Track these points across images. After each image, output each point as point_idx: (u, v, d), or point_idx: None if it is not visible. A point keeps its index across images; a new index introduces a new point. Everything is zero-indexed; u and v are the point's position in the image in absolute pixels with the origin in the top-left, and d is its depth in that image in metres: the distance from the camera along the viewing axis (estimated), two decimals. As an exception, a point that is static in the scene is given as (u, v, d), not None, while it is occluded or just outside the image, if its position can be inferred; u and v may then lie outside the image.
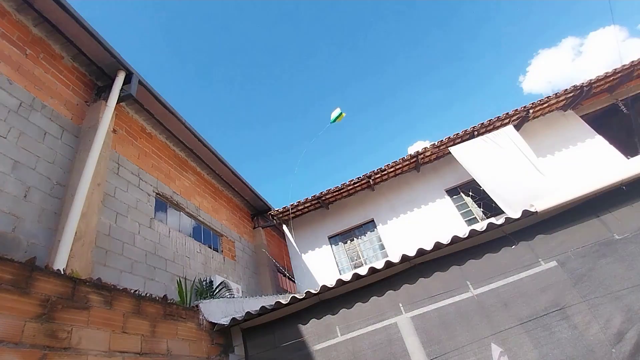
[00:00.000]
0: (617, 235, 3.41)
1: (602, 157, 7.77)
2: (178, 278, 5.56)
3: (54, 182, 4.23)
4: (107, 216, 4.83)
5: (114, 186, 5.22)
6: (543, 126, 8.67)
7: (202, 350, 3.65)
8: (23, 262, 2.21)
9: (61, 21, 4.73)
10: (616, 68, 7.64)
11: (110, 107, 5.12)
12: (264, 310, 3.93)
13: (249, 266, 9.03)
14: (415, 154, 8.62)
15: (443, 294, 3.60)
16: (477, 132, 8.27)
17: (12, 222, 3.53)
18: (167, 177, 6.80)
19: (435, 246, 3.76)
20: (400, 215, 8.97)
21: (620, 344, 2.92)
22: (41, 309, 2.19)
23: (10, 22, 4.41)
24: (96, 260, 4.29)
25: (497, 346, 3.15)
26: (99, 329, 2.55)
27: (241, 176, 9.13)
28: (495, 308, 3.38)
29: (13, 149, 3.86)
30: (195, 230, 7.33)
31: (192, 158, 7.99)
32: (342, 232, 9.47)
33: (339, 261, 9.11)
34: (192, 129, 7.14)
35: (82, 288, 2.57)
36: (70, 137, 4.75)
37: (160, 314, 3.30)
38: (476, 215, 8.31)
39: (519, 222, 3.70)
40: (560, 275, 3.36)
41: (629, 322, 2.99)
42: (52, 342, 2.16)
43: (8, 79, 4.10)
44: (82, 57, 5.26)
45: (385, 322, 3.63)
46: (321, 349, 3.68)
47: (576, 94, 8.09)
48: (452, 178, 8.85)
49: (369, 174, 8.80)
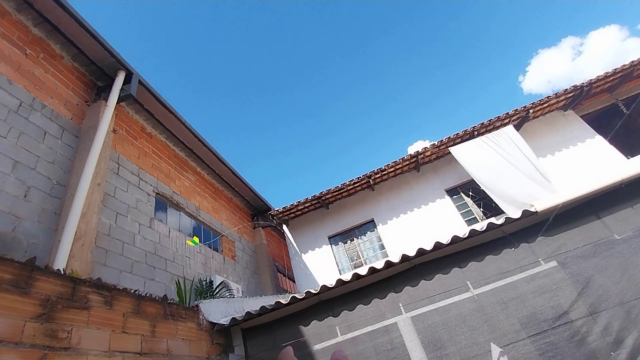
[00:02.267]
0: (618, 235, 3.41)
1: (602, 157, 7.77)
2: (178, 278, 5.56)
3: (54, 182, 4.23)
4: (107, 216, 4.83)
5: (114, 186, 5.21)
6: (543, 126, 8.66)
7: (202, 350, 3.65)
8: (23, 262, 2.21)
9: (61, 21, 4.73)
10: (616, 68, 7.64)
11: (110, 107, 5.12)
12: (264, 310, 3.93)
13: (249, 266, 9.03)
14: (415, 153, 8.61)
15: (443, 294, 3.60)
16: (477, 132, 8.27)
17: (12, 222, 3.53)
18: (167, 177, 6.79)
19: (435, 246, 3.76)
20: (400, 215, 8.96)
21: (620, 348, 2.91)
22: (41, 309, 2.19)
23: (10, 22, 4.41)
24: (96, 260, 4.29)
25: (497, 346, 3.15)
26: (99, 329, 2.55)
27: (241, 176, 9.13)
28: (495, 308, 3.38)
29: (13, 149, 3.86)
30: (195, 230, 7.32)
31: (192, 158, 7.98)
32: (342, 232, 9.46)
33: (339, 261, 9.11)
34: (192, 129, 7.14)
35: (82, 288, 2.57)
36: (70, 137, 4.75)
37: (160, 314, 3.29)
38: (476, 215, 8.30)
39: (519, 222, 3.69)
40: (560, 276, 3.36)
41: (629, 325, 2.98)
42: (52, 342, 2.16)
43: (8, 79, 4.10)
44: (82, 57, 5.26)
45: (386, 322, 3.63)
46: (321, 349, 3.68)
47: (576, 94, 8.09)
48: (452, 178, 8.85)
49: (369, 173, 8.79)
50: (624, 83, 8.26)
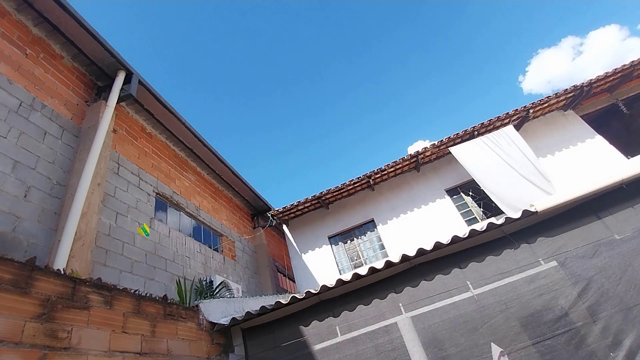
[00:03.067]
0: (618, 236, 3.40)
1: (602, 157, 7.77)
2: (178, 278, 5.56)
3: (54, 182, 4.23)
4: (107, 216, 4.83)
5: (114, 186, 5.21)
6: (543, 126, 8.66)
7: (202, 350, 3.65)
8: (23, 262, 2.21)
9: (61, 21, 4.73)
10: (616, 68, 7.64)
11: (110, 107, 5.12)
12: (264, 310, 3.92)
13: (249, 266, 9.03)
14: (415, 153, 8.61)
15: (443, 294, 3.59)
16: (477, 132, 8.27)
17: (12, 222, 3.53)
18: (167, 177, 6.79)
19: (435, 246, 3.75)
20: (400, 215, 8.96)
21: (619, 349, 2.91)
22: (41, 309, 2.19)
23: (10, 22, 4.41)
24: (96, 260, 4.29)
25: (497, 346, 3.15)
26: (99, 328, 2.55)
27: (241, 176, 9.13)
28: (496, 309, 3.37)
29: (13, 149, 3.86)
30: (195, 230, 7.33)
31: (192, 158, 7.98)
32: (342, 232, 9.46)
33: (339, 261, 9.11)
34: (192, 129, 7.14)
35: (82, 288, 2.57)
36: (70, 137, 4.75)
37: (160, 313, 3.29)
38: (476, 215, 8.31)
39: (519, 222, 3.69)
40: (560, 276, 3.35)
41: (628, 325, 2.98)
42: (52, 342, 2.16)
43: (8, 79, 4.10)
44: (82, 57, 5.26)
45: (386, 322, 3.63)
46: (321, 349, 3.68)
47: (576, 94, 8.09)
48: (452, 178, 8.85)
49: (369, 173, 8.79)
50: (624, 83, 8.26)
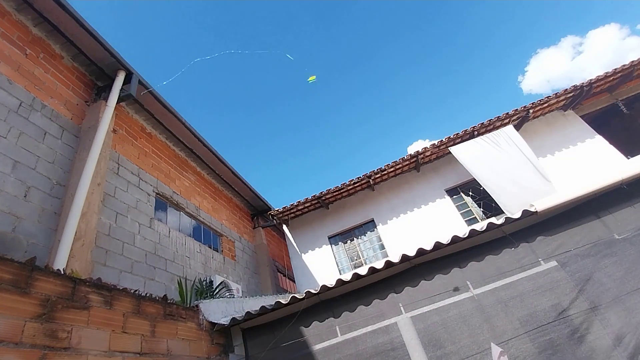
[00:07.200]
0: (618, 235, 3.40)
1: (602, 157, 7.77)
2: (178, 278, 5.56)
3: (54, 182, 4.23)
4: (107, 216, 4.83)
5: (114, 186, 5.21)
6: (543, 126, 8.66)
7: (202, 350, 3.65)
8: (23, 262, 2.21)
9: (61, 21, 4.73)
10: (616, 68, 7.63)
11: (110, 107, 5.12)
12: (264, 310, 3.92)
13: (249, 266, 9.03)
14: (415, 153, 8.61)
15: (443, 294, 3.59)
16: (477, 132, 8.27)
17: (12, 222, 3.53)
18: (167, 177, 6.79)
19: (435, 246, 3.75)
20: (400, 215, 8.96)
21: (619, 347, 2.91)
22: (41, 309, 2.19)
23: (10, 22, 4.41)
24: (96, 260, 4.29)
25: (497, 346, 3.14)
26: (99, 329, 2.55)
27: (241, 176, 9.13)
28: (496, 309, 3.38)
29: (13, 149, 3.86)
30: (195, 230, 7.33)
31: (192, 158, 7.98)
32: (342, 232, 9.46)
33: (339, 261, 9.11)
34: (192, 129, 7.14)
35: (82, 288, 2.57)
36: (70, 137, 4.75)
37: (160, 314, 3.29)
38: (476, 215, 8.30)
39: (519, 222, 3.69)
40: (560, 276, 3.35)
41: (628, 324, 2.98)
42: (52, 342, 2.16)
43: (8, 79, 4.10)
44: (82, 57, 5.26)
45: (386, 322, 3.63)
46: (321, 349, 3.68)
47: (576, 94, 8.08)
48: (452, 178, 8.85)
49: (369, 173, 8.79)
50: (624, 83, 8.26)
